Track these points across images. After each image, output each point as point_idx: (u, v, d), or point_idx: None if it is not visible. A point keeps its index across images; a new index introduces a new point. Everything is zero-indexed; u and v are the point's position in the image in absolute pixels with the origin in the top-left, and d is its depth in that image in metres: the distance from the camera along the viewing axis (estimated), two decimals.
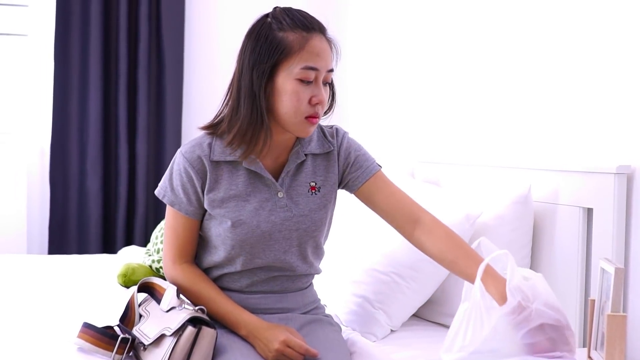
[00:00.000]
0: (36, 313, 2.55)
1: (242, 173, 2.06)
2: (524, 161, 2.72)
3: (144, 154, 4.51)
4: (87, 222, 4.47)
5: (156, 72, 4.56)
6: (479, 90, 3.09)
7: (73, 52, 4.42)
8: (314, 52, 1.97)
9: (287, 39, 1.96)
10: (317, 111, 1.99)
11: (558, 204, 2.49)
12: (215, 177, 2.05)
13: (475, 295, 1.82)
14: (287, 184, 2.09)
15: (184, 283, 2.07)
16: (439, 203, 2.70)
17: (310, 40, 1.97)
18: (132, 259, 3.45)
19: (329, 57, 2.01)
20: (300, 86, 1.96)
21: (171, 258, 2.10)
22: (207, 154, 2.04)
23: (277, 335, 1.95)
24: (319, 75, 1.98)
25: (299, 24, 1.98)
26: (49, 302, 2.73)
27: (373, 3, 4.08)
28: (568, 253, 2.43)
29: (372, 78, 4.07)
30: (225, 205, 2.04)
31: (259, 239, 2.04)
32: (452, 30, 3.30)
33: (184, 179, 2.05)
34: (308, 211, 2.08)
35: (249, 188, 2.06)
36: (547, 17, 2.67)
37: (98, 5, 4.40)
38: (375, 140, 3.98)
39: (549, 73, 2.65)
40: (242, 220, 2.03)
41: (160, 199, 2.10)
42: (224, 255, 2.06)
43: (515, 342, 1.78)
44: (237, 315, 2.02)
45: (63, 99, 4.42)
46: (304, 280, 2.16)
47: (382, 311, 2.45)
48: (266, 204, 2.05)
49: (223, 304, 2.04)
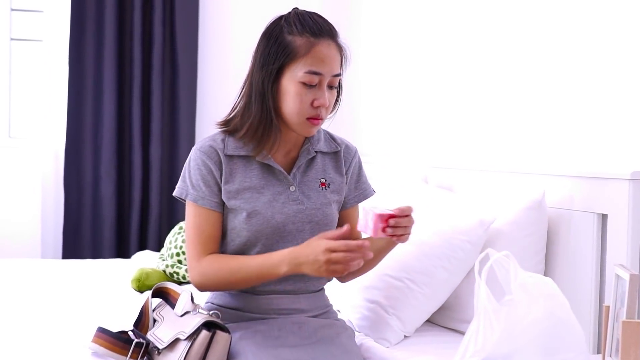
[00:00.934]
0: (50, 317, 2.56)
1: (256, 167, 2.10)
2: (538, 167, 2.71)
3: (157, 159, 4.52)
4: (101, 226, 4.48)
5: (170, 76, 4.58)
6: (492, 96, 3.08)
7: (87, 57, 4.45)
8: (318, 57, 2.01)
9: (295, 42, 2.01)
10: (318, 113, 2.04)
11: (572, 210, 2.48)
12: (230, 170, 2.08)
13: (482, 298, 1.81)
14: (298, 178, 2.13)
15: (210, 267, 2.06)
16: (452, 209, 2.69)
17: (316, 45, 2.02)
18: (146, 264, 3.46)
19: (335, 62, 2.05)
20: (304, 89, 2.02)
21: (196, 256, 2.08)
22: (221, 148, 2.09)
23: (316, 249, 1.92)
24: (323, 79, 2.03)
25: (307, 29, 2.02)
26: (63, 306, 2.74)
27: (386, 7, 4.08)
28: (582, 259, 2.42)
29: (385, 83, 4.07)
30: (241, 196, 2.07)
31: (273, 230, 2.06)
32: (465, 36, 3.29)
33: (204, 172, 2.07)
34: (320, 204, 2.12)
35: (262, 181, 2.09)
36: (561, 24, 2.67)
37: (112, 11, 4.42)
38: (389, 146, 3.98)
39: (564, 79, 2.65)
40: (257, 210, 2.05)
41: (182, 199, 2.11)
42: (238, 248, 2.08)
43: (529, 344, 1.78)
44: (270, 259, 2.00)
45: (77, 103, 4.45)
46: (316, 283, 2.17)
47: (395, 317, 2.44)
48: (279, 197, 2.09)
49: (252, 260, 2.03)
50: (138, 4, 4.46)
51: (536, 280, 1.83)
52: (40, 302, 2.80)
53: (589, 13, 2.53)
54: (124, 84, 4.52)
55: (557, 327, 1.80)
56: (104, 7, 4.43)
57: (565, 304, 1.83)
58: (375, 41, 4.18)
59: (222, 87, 4.68)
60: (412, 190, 3.07)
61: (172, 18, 4.55)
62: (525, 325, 1.77)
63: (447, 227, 2.52)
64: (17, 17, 4.58)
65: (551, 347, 1.78)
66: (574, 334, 1.82)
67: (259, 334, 2.02)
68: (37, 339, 2.28)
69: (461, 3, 3.34)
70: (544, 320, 1.78)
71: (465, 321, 2.49)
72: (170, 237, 3.36)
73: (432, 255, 2.48)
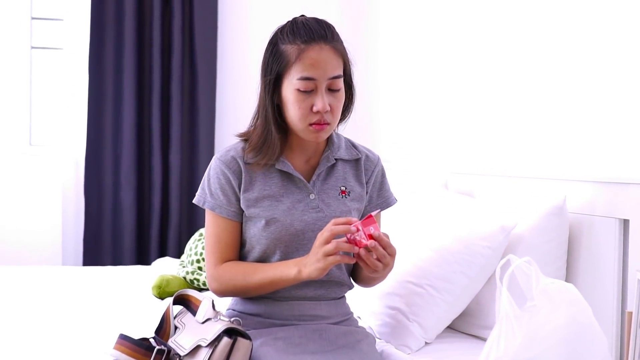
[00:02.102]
0: (72, 324, 2.57)
1: (276, 175, 2.11)
2: (559, 172, 2.70)
3: (177, 166, 4.54)
4: (121, 233, 4.50)
5: (189, 84, 4.59)
6: (513, 101, 3.07)
7: (107, 65, 4.47)
8: (309, 63, 2.01)
9: (287, 51, 2.03)
10: (320, 118, 2.03)
11: (594, 215, 2.47)
12: (250, 178, 2.10)
13: (504, 304, 1.81)
14: (318, 186, 2.13)
15: (226, 273, 2.08)
16: (473, 214, 2.69)
17: (306, 51, 2.01)
18: (166, 271, 3.47)
19: (329, 65, 2.03)
20: (301, 95, 2.02)
21: (213, 263, 2.11)
22: (241, 156, 2.10)
23: (313, 247, 1.94)
24: (318, 83, 2.02)
25: (298, 36, 2.03)
26: (85, 313, 2.75)
27: (404, 13, 4.08)
28: (604, 265, 2.41)
29: (404, 89, 4.06)
30: (260, 204, 2.07)
31: (292, 237, 2.07)
32: (485, 41, 3.29)
33: (222, 181, 2.09)
34: (339, 212, 2.11)
35: (282, 189, 2.10)
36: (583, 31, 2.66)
37: (132, 19, 4.45)
38: (409, 152, 3.98)
39: (585, 84, 2.64)
40: (276, 218, 2.06)
41: (200, 206, 2.13)
42: (258, 256, 2.09)
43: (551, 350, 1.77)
44: (283, 265, 2.02)
45: (97, 111, 4.47)
46: (337, 290, 2.16)
47: (416, 323, 2.43)
48: (299, 205, 2.09)
49: (267, 266, 2.05)
50: (157, 12, 4.48)
51: (558, 286, 1.82)
52: (61, 309, 2.81)
53: (610, 20, 2.52)
54: (143, 92, 4.54)
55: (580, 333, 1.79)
56: (123, 15, 4.46)
57: (588, 310, 1.82)
58: (395, 46, 4.18)
59: (241, 93, 4.69)
60: (432, 196, 3.07)
61: (191, 26, 4.57)
62: (548, 331, 1.76)
63: (468, 233, 2.52)
64: (37, 26, 4.62)
65: (574, 353, 1.77)
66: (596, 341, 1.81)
67: (280, 340, 2.03)
68: (59, 346, 2.29)
69: (481, 8, 3.34)
70: (566, 326, 1.77)
71: (486, 327, 2.48)
72: (191, 244, 3.37)
73: (452, 262, 2.48)
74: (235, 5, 4.73)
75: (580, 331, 1.79)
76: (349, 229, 1.89)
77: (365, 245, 1.90)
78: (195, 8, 4.54)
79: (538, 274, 1.82)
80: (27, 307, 2.82)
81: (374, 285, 2.24)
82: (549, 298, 1.79)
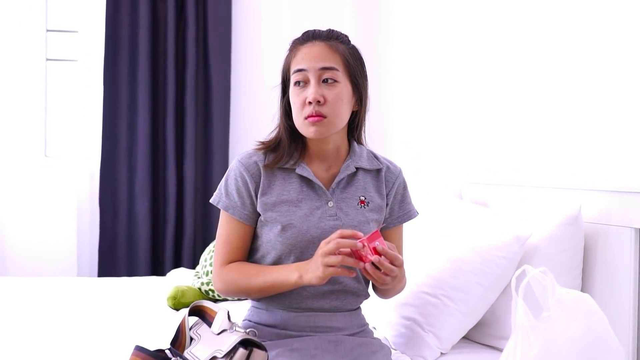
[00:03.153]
0: (87, 335, 2.58)
1: (295, 180, 2.12)
2: (574, 181, 2.69)
3: (191, 177, 4.55)
4: (136, 244, 4.51)
5: (203, 95, 4.61)
6: (527, 111, 3.07)
7: (122, 76, 4.49)
8: (300, 57, 2.09)
9: (289, 56, 2.13)
10: (313, 110, 2.05)
11: (609, 225, 2.46)
12: (269, 182, 2.11)
13: (520, 314, 1.81)
14: (337, 194, 2.13)
15: (231, 274, 2.10)
16: (487, 224, 2.68)
17: (300, 48, 2.10)
18: (181, 282, 3.48)
19: (320, 56, 2.07)
20: (296, 89, 2.08)
21: (220, 263, 2.14)
22: (262, 160, 2.13)
23: (317, 251, 1.94)
24: (308, 74, 2.07)
25: (297, 40, 2.13)
26: (100, 324, 2.76)
27: (418, 23, 4.08)
28: (620, 274, 2.40)
29: (418, 99, 4.06)
30: (277, 209, 2.08)
31: (307, 244, 2.06)
32: (498, 50, 3.29)
33: (239, 183, 2.10)
34: (357, 222, 2.11)
35: (300, 195, 2.10)
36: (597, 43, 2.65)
37: (146, 31, 4.47)
38: (423, 162, 3.98)
39: (599, 94, 2.63)
40: (293, 224, 2.06)
41: (215, 205, 2.16)
42: (273, 261, 2.09)
43: None
44: (285, 268, 2.03)
45: (112, 123, 4.49)
46: (353, 302, 2.16)
47: (431, 334, 2.43)
48: (316, 212, 2.09)
49: (270, 269, 2.06)
50: (171, 23, 4.50)
51: (574, 297, 1.82)
52: (76, 320, 2.82)
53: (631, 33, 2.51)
54: (157, 103, 4.56)
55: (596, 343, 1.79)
56: (138, 27, 4.48)
57: (604, 320, 1.82)
58: (408, 55, 4.18)
59: (255, 104, 4.70)
60: (447, 206, 3.06)
61: (205, 37, 4.58)
62: (564, 342, 1.76)
63: (483, 243, 2.51)
64: (52, 38, 4.64)
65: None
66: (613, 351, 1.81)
67: (296, 352, 2.02)
68: (75, 357, 2.29)
69: (495, 19, 3.34)
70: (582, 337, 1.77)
71: (502, 338, 2.48)
72: (205, 255, 3.37)
73: (467, 272, 2.47)
74: (249, 16, 4.74)
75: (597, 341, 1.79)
76: (355, 244, 1.89)
77: (370, 260, 1.89)
78: (209, 19, 4.56)
79: (554, 284, 1.82)
80: (43, 318, 2.83)
81: (391, 297, 2.24)
82: (564, 308, 1.78)
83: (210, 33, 4.56)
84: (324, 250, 1.91)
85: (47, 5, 4.61)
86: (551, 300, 1.80)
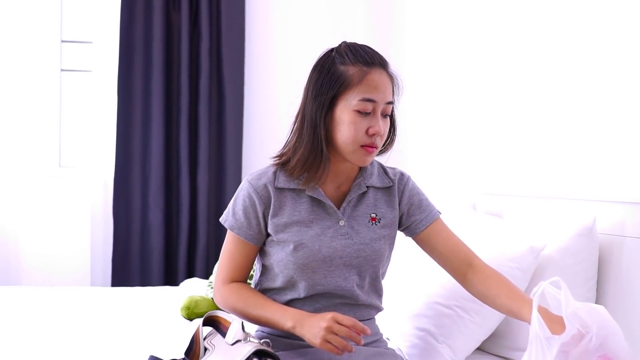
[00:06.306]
0: (101, 345, 2.58)
1: (305, 200, 2.10)
2: (589, 193, 2.68)
3: (205, 188, 4.56)
4: (149, 254, 4.52)
5: (217, 106, 4.62)
6: (541, 121, 3.06)
7: (136, 87, 4.51)
8: (372, 85, 2.02)
9: (348, 72, 2.02)
10: (373, 141, 2.04)
11: (624, 236, 2.45)
12: (279, 204, 2.09)
13: (534, 325, 1.80)
14: (348, 213, 2.12)
15: (231, 295, 2.11)
16: (501, 235, 2.68)
17: (369, 74, 2.02)
18: (194, 292, 3.48)
19: (387, 90, 2.05)
20: (358, 117, 2.01)
21: (221, 280, 2.15)
22: (272, 181, 2.10)
23: (325, 316, 1.94)
24: (377, 107, 2.03)
25: (360, 59, 2.03)
26: (114, 334, 2.76)
27: (431, 33, 4.09)
28: (635, 286, 2.39)
29: (432, 110, 4.06)
30: (289, 229, 2.07)
31: (319, 263, 2.06)
32: (510, 61, 3.28)
33: (247, 204, 2.09)
34: (369, 240, 2.10)
35: (311, 215, 2.09)
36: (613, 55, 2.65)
37: (160, 42, 4.49)
38: (436, 173, 3.97)
39: (614, 104, 2.62)
40: (304, 244, 2.05)
41: (222, 224, 2.15)
42: (285, 280, 2.09)
43: None
44: (283, 311, 2.03)
45: (126, 133, 4.50)
46: (366, 313, 2.16)
47: (445, 345, 2.42)
48: (328, 231, 2.08)
49: (269, 304, 2.07)
50: (185, 34, 4.52)
51: (589, 309, 1.81)
52: (90, 330, 2.82)
53: None
54: (171, 114, 4.57)
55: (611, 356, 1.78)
56: (151, 38, 4.50)
57: (619, 333, 1.81)
58: (422, 65, 4.18)
59: (269, 116, 4.71)
60: (461, 217, 3.06)
61: (219, 48, 4.59)
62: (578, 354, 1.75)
63: (497, 254, 2.51)
64: (67, 49, 4.67)
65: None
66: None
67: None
68: None
69: (509, 30, 3.34)
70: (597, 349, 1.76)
71: (516, 349, 2.47)
72: None
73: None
74: (263, 28, 4.75)
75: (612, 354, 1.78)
76: (360, 340, 1.92)
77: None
78: (223, 30, 4.57)
79: (568, 295, 1.81)
80: (56, 328, 2.84)
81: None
82: (579, 320, 1.78)
83: (223, 44, 4.58)
84: (334, 328, 1.91)
85: (61, 16, 4.63)
86: (565, 312, 1.79)
